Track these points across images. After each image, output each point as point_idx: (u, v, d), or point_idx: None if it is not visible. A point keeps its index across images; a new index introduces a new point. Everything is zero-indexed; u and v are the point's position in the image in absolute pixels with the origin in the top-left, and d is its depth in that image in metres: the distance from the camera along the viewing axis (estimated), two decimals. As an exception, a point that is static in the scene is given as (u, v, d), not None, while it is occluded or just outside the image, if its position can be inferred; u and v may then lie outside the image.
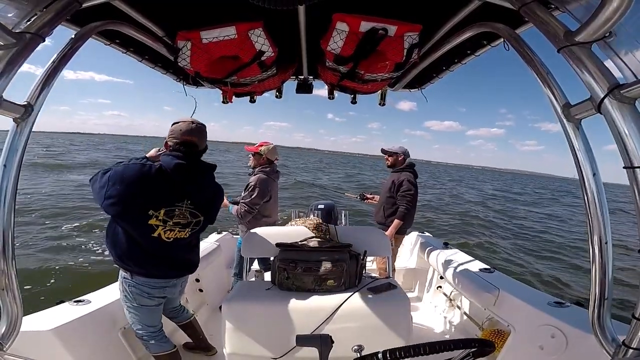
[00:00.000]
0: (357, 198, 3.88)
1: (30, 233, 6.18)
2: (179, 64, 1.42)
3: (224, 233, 3.50)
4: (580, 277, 6.61)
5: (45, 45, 1.06)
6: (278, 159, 2.89)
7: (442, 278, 2.82)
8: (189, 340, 2.17)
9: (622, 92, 0.74)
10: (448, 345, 0.71)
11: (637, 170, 0.75)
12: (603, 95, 0.77)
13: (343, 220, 3.24)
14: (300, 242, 1.91)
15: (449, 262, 2.62)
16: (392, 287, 1.77)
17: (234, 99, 2.03)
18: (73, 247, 5.73)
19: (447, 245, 3.18)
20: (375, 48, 1.29)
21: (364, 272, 1.92)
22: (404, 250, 3.62)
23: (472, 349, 0.74)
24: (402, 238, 3.24)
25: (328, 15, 1.21)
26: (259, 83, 1.72)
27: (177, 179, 1.55)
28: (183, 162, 1.55)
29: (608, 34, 0.77)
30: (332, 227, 2.13)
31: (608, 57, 0.81)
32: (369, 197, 3.68)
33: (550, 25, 0.88)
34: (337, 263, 1.72)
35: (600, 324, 0.91)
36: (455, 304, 2.62)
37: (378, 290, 1.72)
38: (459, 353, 0.76)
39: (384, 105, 2.39)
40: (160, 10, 1.37)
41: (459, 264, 2.55)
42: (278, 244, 1.90)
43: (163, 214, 1.54)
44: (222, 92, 1.97)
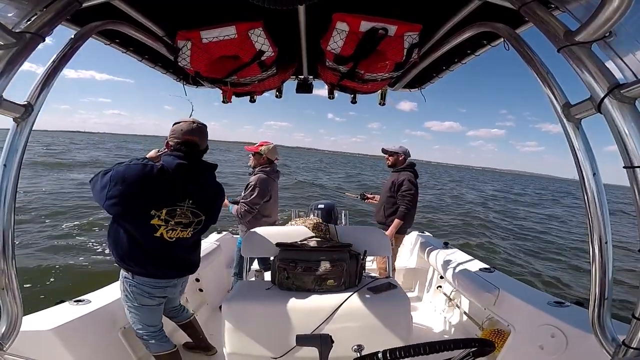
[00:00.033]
0: (357, 198, 3.88)
1: (31, 232, 6.18)
2: (179, 64, 1.42)
3: (224, 233, 3.51)
4: (578, 277, 6.62)
5: (47, 44, 1.06)
6: (278, 159, 2.89)
7: (442, 278, 2.82)
8: (189, 340, 2.17)
9: (622, 91, 0.74)
10: (448, 345, 0.71)
11: (637, 170, 0.75)
12: (603, 95, 0.77)
13: (343, 220, 3.24)
14: (300, 241, 1.92)
15: (449, 261, 2.62)
16: (392, 286, 1.77)
17: (234, 99, 2.03)
18: (73, 246, 5.74)
19: (447, 245, 3.17)
20: (375, 48, 1.29)
21: (364, 271, 1.92)
22: (404, 250, 3.62)
23: (472, 349, 0.74)
24: (402, 238, 3.24)
25: (328, 15, 1.21)
26: (259, 83, 1.72)
27: (178, 179, 1.55)
28: (184, 162, 1.56)
29: (608, 34, 0.77)
30: (332, 226, 2.13)
31: (608, 56, 0.81)
32: (370, 196, 3.68)
33: (550, 25, 0.88)
34: (336, 263, 1.72)
35: (600, 324, 0.91)
36: (455, 304, 2.61)
37: (378, 290, 1.72)
38: (459, 353, 0.76)
39: (384, 105, 2.39)
40: (160, 10, 1.37)
41: (459, 264, 2.54)
42: (278, 244, 1.90)
43: (165, 214, 1.54)
44: (222, 91, 1.98)
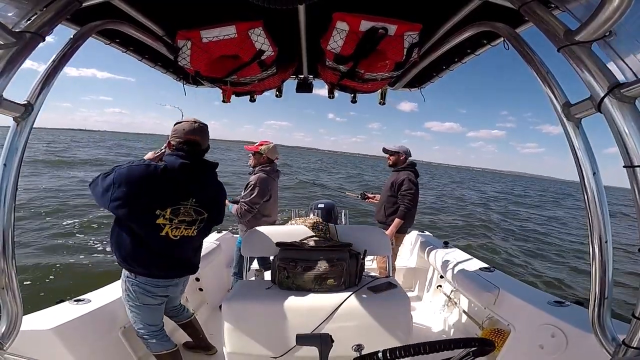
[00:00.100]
0: (358, 197, 3.88)
1: (31, 230, 6.18)
2: (179, 63, 1.42)
3: (224, 232, 3.50)
4: (578, 277, 6.61)
5: (48, 43, 1.06)
6: (278, 158, 2.89)
7: (442, 277, 2.82)
8: (189, 340, 2.17)
9: (622, 91, 0.74)
10: (448, 345, 0.71)
11: (637, 170, 0.75)
12: (603, 95, 0.77)
13: (343, 220, 3.24)
14: (300, 241, 1.92)
15: (449, 261, 2.62)
16: (392, 286, 1.77)
17: (234, 98, 2.03)
18: (73, 245, 5.74)
19: (447, 245, 3.17)
20: (375, 47, 1.29)
21: (364, 271, 1.92)
22: (404, 250, 3.62)
23: (472, 349, 0.74)
24: (402, 237, 3.24)
25: (328, 15, 1.21)
26: (259, 82, 1.72)
27: (181, 178, 1.57)
28: (187, 161, 1.57)
29: (608, 34, 0.77)
30: (332, 226, 2.13)
31: (608, 56, 0.81)
32: (370, 196, 3.68)
33: (550, 25, 0.88)
34: (336, 262, 1.72)
35: (601, 323, 0.91)
36: (455, 303, 2.61)
37: (378, 290, 1.72)
38: (459, 352, 0.76)
39: (384, 105, 2.39)
40: (160, 10, 1.37)
41: (459, 263, 2.54)
42: (278, 243, 1.90)
43: (169, 213, 1.55)
44: (222, 91, 1.98)
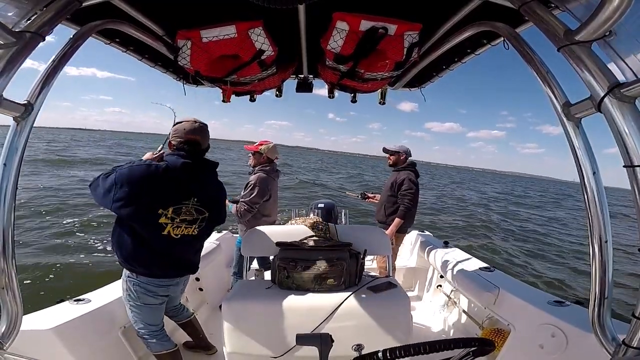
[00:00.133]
0: (358, 197, 3.88)
1: (31, 230, 6.17)
2: (179, 63, 1.42)
3: (224, 232, 3.50)
4: (578, 277, 6.61)
5: (48, 43, 1.06)
6: (278, 158, 2.89)
7: (442, 277, 2.82)
8: (189, 339, 2.17)
9: (622, 91, 0.74)
10: (448, 345, 0.71)
11: (637, 169, 0.75)
12: (603, 94, 0.77)
13: (343, 219, 3.24)
14: (300, 241, 1.92)
15: (449, 261, 2.62)
16: (392, 286, 1.77)
17: (234, 98, 2.03)
18: (74, 244, 5.74)
19: (447, 245, 3.17)
20: (375, 47, 1.29)
21: (364, 271, 1.92)
22: (404, 249, 3.62)
23: (472, 348, 0.74)
24: (402, 237, 3.24)
25: (328, 14, 1.21)
26: (259, 82, 1.72)
27: (183, 178, 1.57)
28: (189, 161, 1.58)
29: (608, 33, 0.77)
30: (331, 225, 2.13)
31: (608, 56, 0.81)
32: (370, 196, 3.69)
33: (550, 24, 0.88)
34: (336, 262, 1.72)
35: (601, 323, 0.91)
36: (455, 303, 2.61)
37: (378, 289, 1.72)
38: (459, 352, 0.76)
39: (384, 104, 2.39)
40: (160, 9, 1.37)
41: (459, 263, 2.54)
42: (278, 243, 1.90)
43: (171, 212, 1.55)
44: (222, 91, 1.98)
